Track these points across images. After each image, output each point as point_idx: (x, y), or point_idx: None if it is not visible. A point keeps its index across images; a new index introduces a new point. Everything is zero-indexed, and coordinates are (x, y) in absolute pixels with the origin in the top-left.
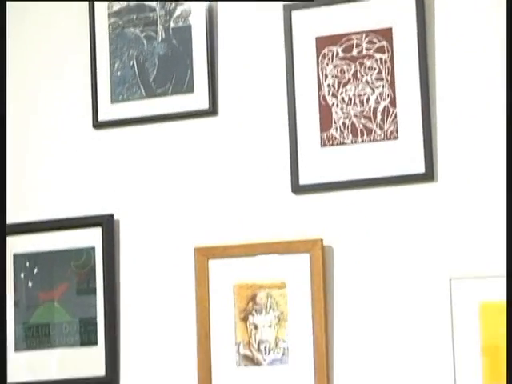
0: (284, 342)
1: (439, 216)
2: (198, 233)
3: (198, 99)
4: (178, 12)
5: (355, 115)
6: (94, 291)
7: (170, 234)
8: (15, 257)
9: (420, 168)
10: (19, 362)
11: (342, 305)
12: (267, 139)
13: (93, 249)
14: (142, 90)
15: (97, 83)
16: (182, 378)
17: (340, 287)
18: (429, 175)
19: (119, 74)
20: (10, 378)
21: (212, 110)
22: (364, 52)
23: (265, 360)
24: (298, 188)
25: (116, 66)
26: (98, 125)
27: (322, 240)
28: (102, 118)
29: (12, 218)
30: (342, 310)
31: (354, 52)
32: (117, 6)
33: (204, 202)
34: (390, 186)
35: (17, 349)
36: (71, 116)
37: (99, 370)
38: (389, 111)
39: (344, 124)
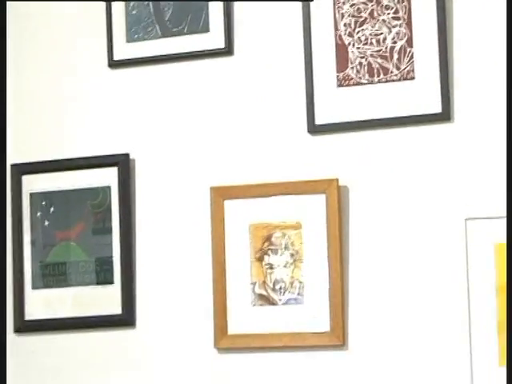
0: (299, 282)
1: (455, 156)
2: (213, 173)
3: (214, 38)
4: None
5: (372, 55)
6: (109, 231)
7: (186, 173)
8: (32, 195)
9: (437, 108)
10: (36, 300)
11: (358, 245)
12: (283, 79)
13: (109, 188)
14: (158, 30)
15: (112, 22)
16: (197, 317)
17: (355, 227)
18: (445, 115)
19: (134, 12)
20: (27, 316)
21: (227, 50)
22: None
23: (280, 300)
24: (313, 128)
25: (131, 5)
26: (113, 64)
27: (337, 180)
28: (117, 57)
29: (28, 157)
30: (358, 250)
31: None
32: None
33: (220, 141)
34: (407, 126)
35: (34, 287)
36: (87, 55)
37: (115, 308)
38: (405, 51)
39: (360, 64)
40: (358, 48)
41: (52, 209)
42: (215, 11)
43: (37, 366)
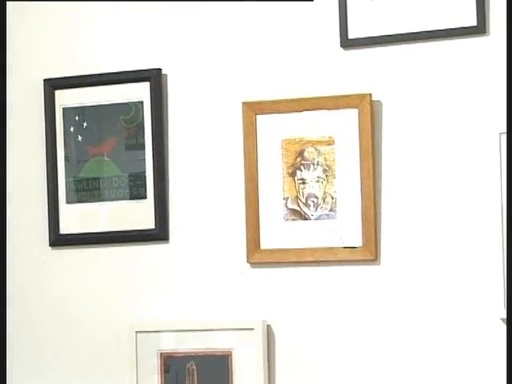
0: (332, 197)
1: (490, 70)
2: (246, 88)
3: None
4: None
5: None
6: (142, 146)
7: (218, 89)
8: (64, 110)
9: (472, 21)
10: (71, 214)
11: (390, 160)
12: None
13: (141, 103)
14: None
15: None
16: (230, 232)
17: (388, 142)
18: (480, 28)
19: None
20: (62, 230)
21: None
22: None
23: (312, 215)
24: (346, 42)
25: None
26: None
27: (370, 95)
28: None
29: (61, 71)
30: (390, 165)
31: None
32: None
33: (252, 56)
34: (441, 39)
35: (68, 201)
36: None
37: (149, 223)
38: None
39: None
40: None
41: (85, 124)
42: None
43: (71, 280)
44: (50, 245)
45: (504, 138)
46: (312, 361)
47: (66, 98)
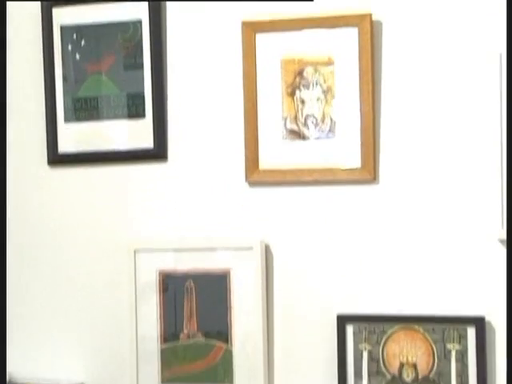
0: (331, 119)
1: None
2: (245, 6)
3: None
4: None
5: None
6: (141, 66)
7: (218, 7)
8: (62, 29)
9: None
10: (69, 133)
11: (390, 81)
12: None
13: (139, 22)
14: None
15: None
16: (229, 151)
17: (388, 64)
18: None
19: None
20: (60, 149)
21: None
22: None
23: (311, 135)
24: None
25: None
26: None
27: (370, 15)
28: None
29: None
30: (390, 86)
31: None
32: None
33: None
34: None
35: (66, 120)
36: None
37: (147, 142)
38: None
39: None
40: None
41: (83, 42)
42: None
43: (70, 199)
44: (49, 164)
45: (504, 58)
46: (310, 280)
47: (63, 16)
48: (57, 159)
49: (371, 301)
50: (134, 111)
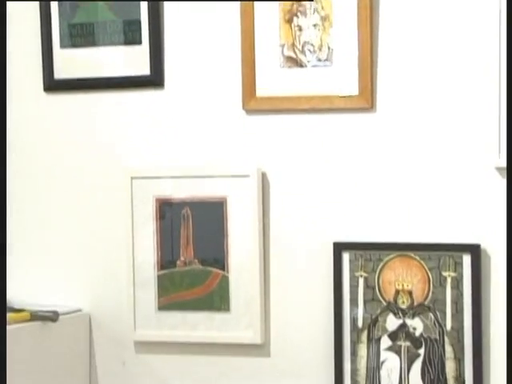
0: (328, 47)
1: None
2: None
3: None
4: None
5: None
6: None
7: None
8: None
9: None
10: (65, 59)
11: (388, 10)
12: None
13: None
14: None
15: None
16: (226, 79)
17: None
18: None
19: None
20: (56, 75)
21: None
22: None
23: (309, 62)
24: None
25: None
26: None
27: None
28: None
29: None
30: (388, 14)
31: None
32: None
33: None
34: None
35: (62, 46)
36: None
37: (144, 68)
38: None
39: None
40: None
41: None
42: None
43: (66, 126)
44: (45, 90)
45: None
46: (306, 208)
47: None
48: (53, 85)
49: (368, 229)
50: (131, 38)
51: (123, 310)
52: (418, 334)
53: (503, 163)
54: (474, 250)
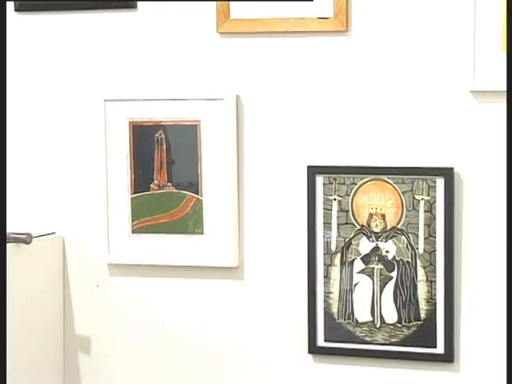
0: None
1: None
2: None
3: None
4: None
5: None
6: None
7: None
8: None
9: None
10: None
11: None
12: None
13: None
14: None
15: None
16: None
17: None
18: None
19: None
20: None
21: None
22: None
23: None
24: None
25: None
26: None
27: None
28: None
29: None
30: None
31: None
32: None
33: None
34: None
35: None
36: None
37: None
38: None
39: None
40: None
41: None
42: None
43: (38, 50)
44: (16, 10)
45: None
46: (281, 132)
47: None
48: (23, 6)
49: (342, 152)
50: None
51: (97, 233)
52: (390, 256)
53: (477, 87)
54: (447, 174)
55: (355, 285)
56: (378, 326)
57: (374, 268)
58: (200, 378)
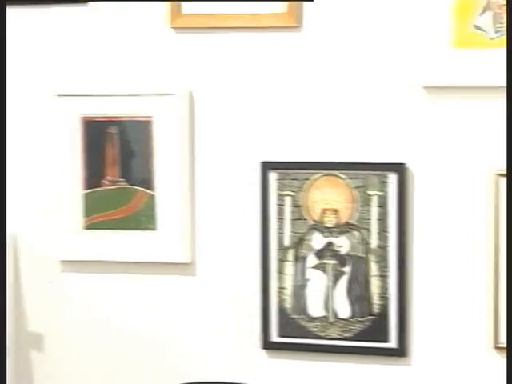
0: None
1: None
2: None
3: None
4: None
5: None
6: None
7: None
8: None
9: None
10: None
11: None
12: None
13: None
14: None
15: None
16: None
17: None
18: None
19: None
20: None
21: None
22: None
23: None
24: None
25: None
26: None
27: None
28: None
29: None
30: None
31: None
32: None
33: None
34: None
35: None
36: None
37: None
38: None
39: None
40: None
41: None
42: None
43: None
44: None
45: None
46: (234, 128)
47: None
48: None
49: (295, 148)
50: None
51: (49, 229)
52: (343, 252)
53: (429, 82)
54: (400, 169)
55: (308, 280)
56: (331, 321)
57: (327, 263)
58: (152, 375)
